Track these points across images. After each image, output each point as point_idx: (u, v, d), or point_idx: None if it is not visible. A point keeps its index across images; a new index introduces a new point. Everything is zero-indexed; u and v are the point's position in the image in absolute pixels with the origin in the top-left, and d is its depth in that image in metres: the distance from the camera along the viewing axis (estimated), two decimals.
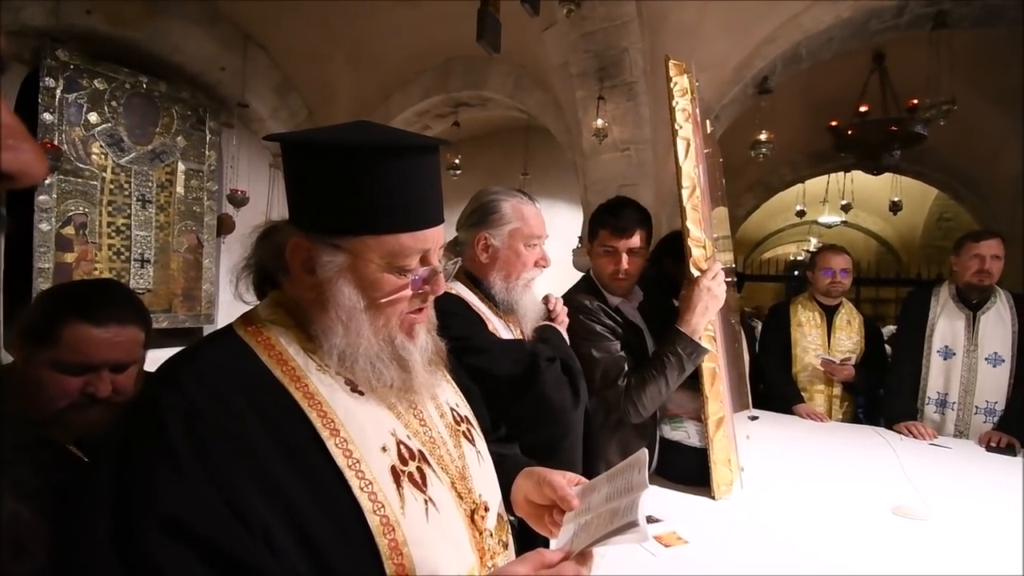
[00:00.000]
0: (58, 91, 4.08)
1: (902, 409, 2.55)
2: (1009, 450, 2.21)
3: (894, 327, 3.08)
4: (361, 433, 0.67)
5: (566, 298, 1.89)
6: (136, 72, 4.55)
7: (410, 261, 0.70)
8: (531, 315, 1.44)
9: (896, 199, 6.88)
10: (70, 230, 4.20)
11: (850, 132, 4.48)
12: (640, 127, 3.93)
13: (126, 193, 4.54)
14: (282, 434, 0.63)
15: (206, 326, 5.13)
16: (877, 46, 4.44)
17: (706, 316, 1.63)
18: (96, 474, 0.60)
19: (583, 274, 2.00)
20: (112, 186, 4.46)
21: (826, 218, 8.44)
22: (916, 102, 4.11)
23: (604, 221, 1.81)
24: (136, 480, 0.57)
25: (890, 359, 2.86)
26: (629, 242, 1.76)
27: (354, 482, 0.63)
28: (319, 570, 0.60)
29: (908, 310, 2.75)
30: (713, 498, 1.59)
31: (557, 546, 0.71)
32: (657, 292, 2.04)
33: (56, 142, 4.04)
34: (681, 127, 1.66)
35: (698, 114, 1.74)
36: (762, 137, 4.26)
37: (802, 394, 2.81)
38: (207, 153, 5.09)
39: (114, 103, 4.43)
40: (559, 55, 3.89)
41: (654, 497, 1.57)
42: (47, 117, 4.03)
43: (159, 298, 4.75)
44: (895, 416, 2.53)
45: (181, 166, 4.91)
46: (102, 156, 4.38)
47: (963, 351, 2.48)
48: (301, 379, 0.67)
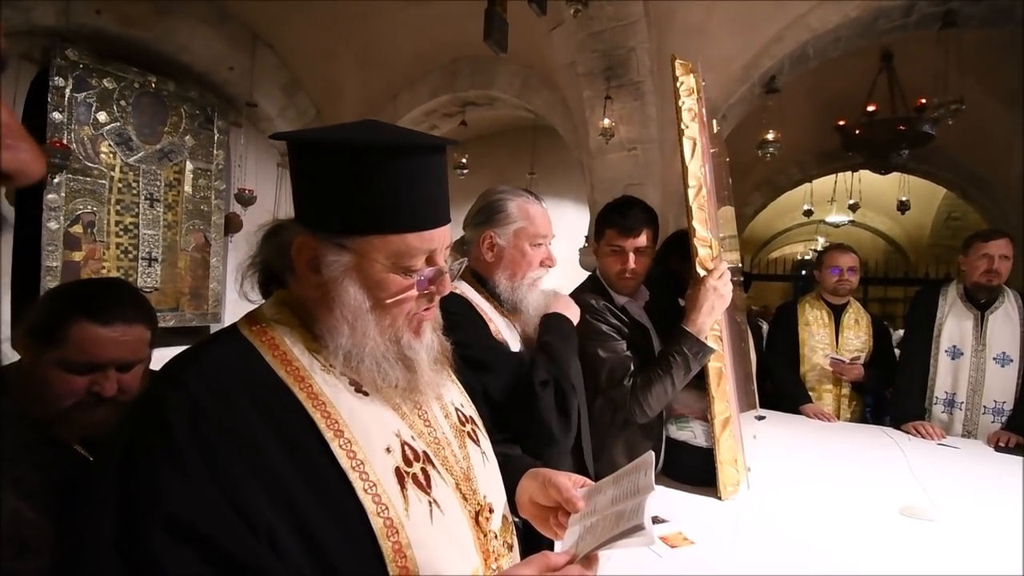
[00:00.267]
0: (67, 90, 4.11)
1: (910, 409, 2.53)
2: (1018, 450, 2.19)
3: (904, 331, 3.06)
4: (365, 434, 0.67)
5: (572, 297, 1.89)
6: (145, 71, 4.58)
7: (416, 261, 0.69)
8: (536, 314, 1.43)
9: (904, 198, 6.83)
10: (78, 228, 4.23)
11: (858, 131, 4.45)
12: (647, 126, 3.92)
13: (134, 192, 4.57)
14: (286, 434, 0.62)
15: (213, 325, 5.15)
16: (885, 45, 4.41)
17: (712, 316, 1.62)
18: (100, 473, 0.59)
19: (590, 273, 1.99)
20: (120, 185, 4.48)
21: (834, 217, 8.40)
22: (924, 101, 4.08)
23: (611, 220, 1.80)
24: (140, 479, 0.57)
25: (898, 359, 2.84)
26: (636, 241, 1.76)
27: (358, 484, 0.63)
28: (322, 571, 0.60)
29: (916, 310, 2.74)
30: (719, 498, 1.58)
31: (562, 548, 0.70)
32: (663, 291, 2.03)
33: (65, 141, 4.07)
34: (687, 127, 1.65)
35: (704, 114, 1.74)
36: (769, 136, 4.24)
37: (811, 394, 2.80)
38: (215, 152, 5.12)
39: (123, 102, 4.46)
40: (566, 55, 3.89)
41: (660, 497, 1.56)
42: (56, 116, 4.06)
43: (166, 297, 4.78)
44: (903, 416, 2.51)
45: (189, 165, 4.93)
46: (111, 155, 4.41)
47: (971, 351, 2.46)
48: (305, 379, 0.67)
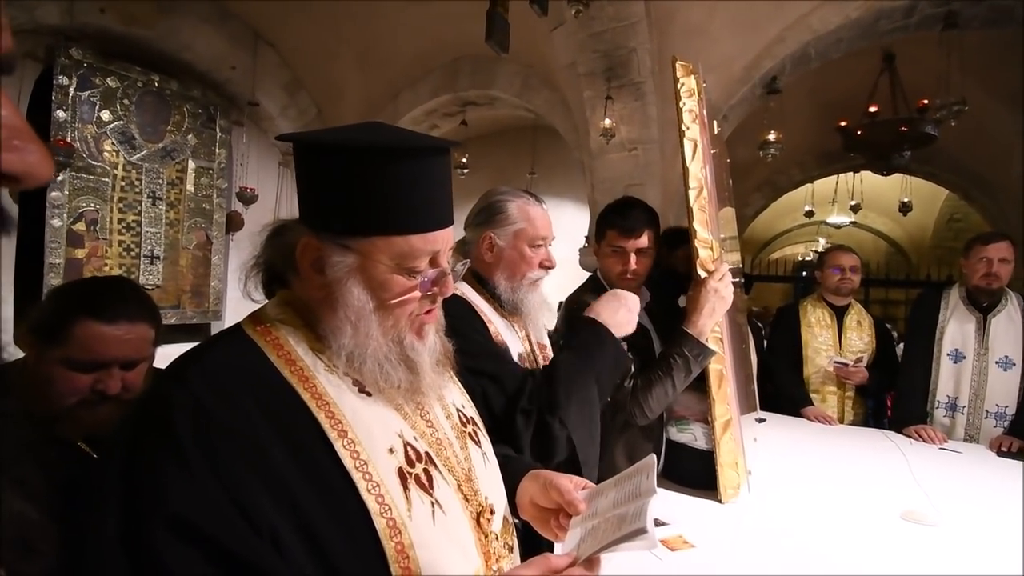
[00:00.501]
0: (71, 89, 4.12)
1: (911, 412, 2.52)
2: (1020, 455, 2.18)
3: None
4: (368, 434, 0.67)
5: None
6: (148, 70, 4.59)
7: (419, 262, 0.70)
8: (537, 315, 1.43)
9: (906, 200, 6.83)
10: (81, 226, 4.24)
11: (859, 132, 4.46)
12: (647, 127, 3.92)
13: (137, 190, 4.58)
14: (290, 434, 0.63)
15: (214, 322, 5.17)
16: (887, 46, 4.40)
17: (713, 318, 1.62)
18: (104, 472, 0.60)
19: (590, 274, 1.99)
20: (123, 183, 4.49)
21: (835, 218, 8.39)
22: (926, 102, 4.08)
23: (612, 221, 1.80)
24: (144, 478, 0.57)
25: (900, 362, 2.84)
26: (637, 242, 1.76)
27: (361, 484, 0.63)
28: (325, 572, 0.60)
29: (918, 312, 2.72)
30: (720, 501, 1.58)
31: (564, 551, 0.70)
32: (660, 291, 2.02)
33: (69, 139, 4.08)
34: (688, 128, 1.65)
35: (705, 115, 1.73)
36: (771, 137, 4.24)
37: (814, 396, 2.79)
38: (217, 151, 5.13)
39: (126, 101, 4.47)
40: (567, 55, 3.89)
41: (660, 500, 1.55)
42: (60, 114, 4.07)
43: (168, 294, 4.79)
44: (905, 419, 2.50)
45: (191, 163, 4.94)
46: (114, 153, 4.42)
47: (973, 354, 2.45)
48: (309, 379, 0.67)
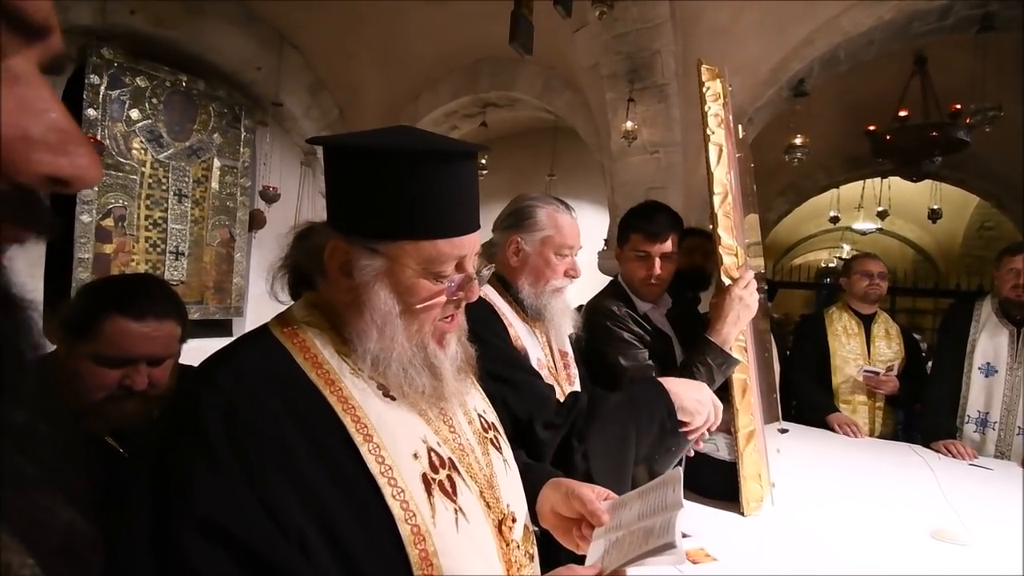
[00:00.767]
0: (102, 88, 4.22)
1: (940, 427, 2.45)
2: None
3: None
4: (393, 439, 0.67)
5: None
6: (176, 71, 4.68)
7: (446, 267, 0.70)
8: (559, 322, 1.42)
9: (935, 207, 6.66)
10: (109, 222, 4.34)
11: (889, 137, 4.35)
12: (671, 129, 3.87)
13: (163, 187, 4.67)
14: (316, 436, 0.63)
15: (235, 318, 5.26)
16: (919, 49, 4.29)
17: (737, 326, 1.58)
18: (135, 472, 0.61)
19: (611, 279, 1.97)
20: (151, 180, 4.59)
21: (861, 225, 8.23)
22: (959, 107, 3.97)
23: (636, 226, 1.78)
24: (174, 478, 0.57)
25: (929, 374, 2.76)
26: (662, 247, 1.73)
27: (386, 489, 0.63)
28: (349, 574, 0.60)
29: (948, 324, 2.65)
30: (742, 514, 1.54)
31: (588, 563, 0.69)
32: (678, 292, 1.99)
33: (99, 137, 4.18)
34: (713, 132, 1.63)
35: (730, 119, 1.71)
36: (796, 141, 4.17)
37: (844, 407, 2.71)
38: (241, 150, 5.21)
39: (155, 100, 4.56)
40: (589, 56, 3.86)
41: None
42: (91, 113, 4.16)
43: (191, 290, 4.87)
44: (933, 434, 2.42)
45: (216, 162, 5.03)
46: (142, 151, 4.51)
47: (1006, 368, 2.36)
48: (335, 382, 0.67)
